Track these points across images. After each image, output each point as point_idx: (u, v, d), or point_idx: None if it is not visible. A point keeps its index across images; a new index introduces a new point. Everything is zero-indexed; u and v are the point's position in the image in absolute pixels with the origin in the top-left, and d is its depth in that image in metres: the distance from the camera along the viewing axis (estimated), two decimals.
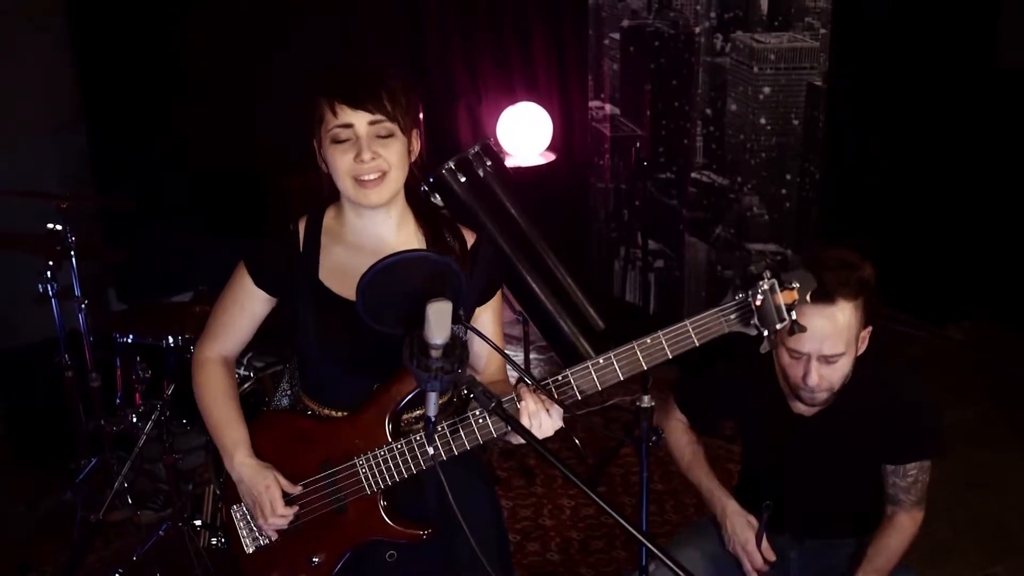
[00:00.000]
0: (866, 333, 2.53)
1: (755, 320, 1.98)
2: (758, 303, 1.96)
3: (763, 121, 5.05)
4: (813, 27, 4.86)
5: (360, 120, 2.08)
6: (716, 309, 1.99)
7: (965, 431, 4.61)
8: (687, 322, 1.99)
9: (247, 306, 2.28)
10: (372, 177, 2.10)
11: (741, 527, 2.67)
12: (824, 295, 2.36)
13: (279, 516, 2.21)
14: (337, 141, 2.10)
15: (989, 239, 5.61)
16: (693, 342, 1.99)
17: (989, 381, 5.23)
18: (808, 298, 2.02)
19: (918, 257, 5.68)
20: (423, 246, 2.21)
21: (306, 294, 2.19)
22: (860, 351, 2.53)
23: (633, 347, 2.00)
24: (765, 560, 2.65)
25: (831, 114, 5.01)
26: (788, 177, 5.12)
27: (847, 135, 5.36)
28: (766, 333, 2.00)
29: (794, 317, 2.00)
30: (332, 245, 2.22)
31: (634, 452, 4.47)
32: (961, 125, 5.56)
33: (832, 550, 2.73)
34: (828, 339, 2.43)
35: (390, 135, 2.11)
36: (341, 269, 2.19)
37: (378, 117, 2.09)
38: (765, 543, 2.65)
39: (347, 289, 2.15)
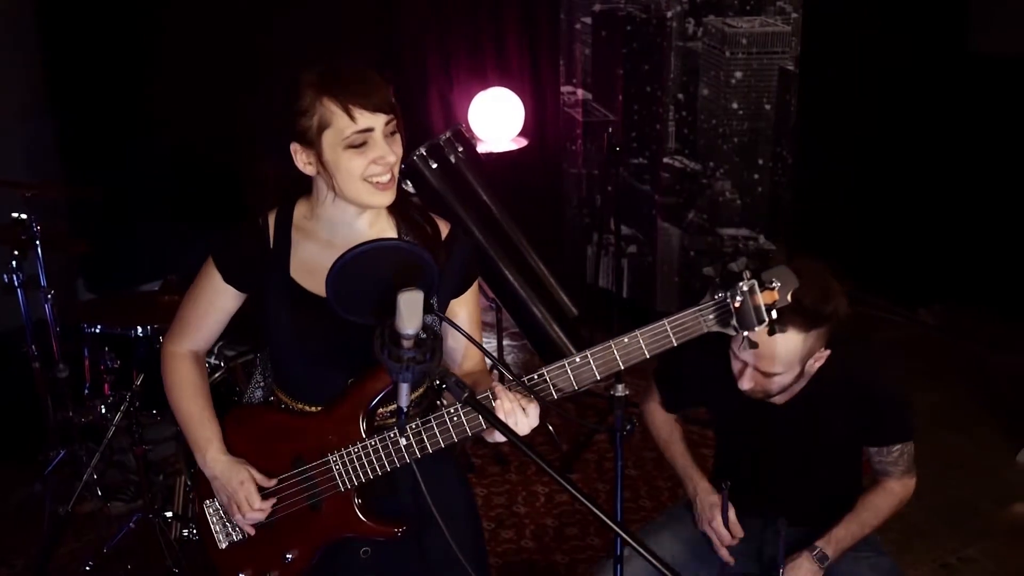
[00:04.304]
0: (822, 354, 2.51)
1: (734, 321, 1.92)
2: (737, 304, 1.90)
3: (735, 106, 5.05)
4: (785, 11, 4.86)
5: (379, 122, 2.03)
6: (695, 309, 1.93)
7: (938, 414, 4.64)
8: (665, 321, 1.94)
9: (216, 302, 2.24)
10: (387, 179, 2.05)
11: (709, 506, 2.70)
12: (776, 319, 2.34)
13: (256, 511, 2.19)
14: (354, 146, 2.02)
15: (960, 223, 5.64)
16: (671, 342, 1.94)
17: (961, 364, 5.27)
18: (788, 297, 1.97)
19: (889, 241, 5.71)
20: (396, 236, 2.18)
21: (277, 290, 2.15)
22: (810, 369, 2.51)
23: (610, 346, 1.96)
24: (735, 537, 2.67)
25: (803, 99, 5.02)
26: (760, 162, 5.13)
27: (819, 120, 5.37)
28: (744, 334, 1.95)
29: (774, 317, 1.93)
30: (303, 240, 2.17)
31: (608, 438, 4.47)
32: (932, 110, 5.58)
33: (807, 539, 2.73)
34: (765, 359, 2.42)
35: (395, 132, 2.07)
36: (313, 265, 2.15)
37: (391, 116, 2.05)
38: (733, 519, 2.67)
39: (319, 285, 2.10)
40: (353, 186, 2.05)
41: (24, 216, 3.73)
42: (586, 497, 1.78)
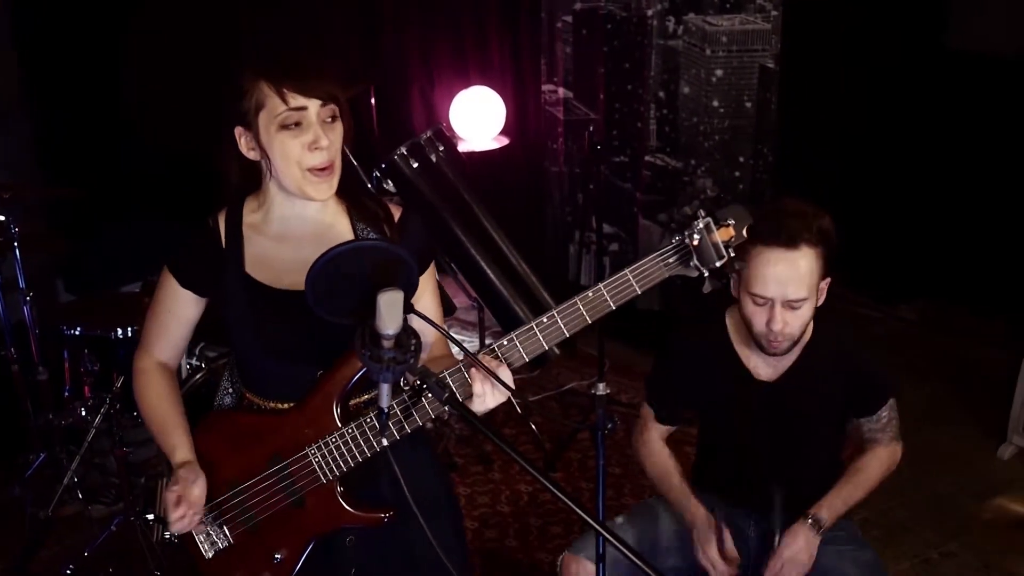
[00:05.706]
0: (825, 284, 2.57)
1: (694, 261, 1.96)
2: (695, 243, 1.95)
3: (716, 104, 5.05)
4: (765, 9, 4.86)
5: (313, 105, 2.03)
6: (655, 254, 1.98)
7: (920, 411, 4.65)
8: (627, 271, 1.98)
9: (175, 309, 2.23)
10: (320, 163, 2.05)
11: (706, 536, 2.66)
12: (788, 240, 2.44)
13: (176, 515, 2.14)
14: (286, 126, 2.03)
15: (941, 219, 5.66)
16: (635, 290, 1.99)
17: (942, 360, 5.29)
18: (744, 233, 2.00)
19: (870, 237, 5.72)
20: (349, 224, 2.19)
21: (235, 289, 2.14)
22: (820, 301, 2.58)
23: (575, 302, 2.01)
24: (731, 562, 2.65)
25: (783, 96, 5.02)
26: (741, 159, 5.13)
27: (800, 117, 5.37)
28: (706, 273, 1.98)
29: (732, 254, 1.97)
30: (254, 235, 2.17)
31: (591, 437, 4.47)
32: (913, 107, 5.60)
33: (791, 522, 2.72)
34: (792, 283, 2.47)
35: (334, 118, 2.07)
36: (267, 259, 2.15)
37: (328, 103, 2.05)
38: (729, 544, 2.65)
39: (275, 279, 2.13)
40: (289, 172, 2.06)
41: (2, 218, 3.71)
42: (568, 495, 1.78)
